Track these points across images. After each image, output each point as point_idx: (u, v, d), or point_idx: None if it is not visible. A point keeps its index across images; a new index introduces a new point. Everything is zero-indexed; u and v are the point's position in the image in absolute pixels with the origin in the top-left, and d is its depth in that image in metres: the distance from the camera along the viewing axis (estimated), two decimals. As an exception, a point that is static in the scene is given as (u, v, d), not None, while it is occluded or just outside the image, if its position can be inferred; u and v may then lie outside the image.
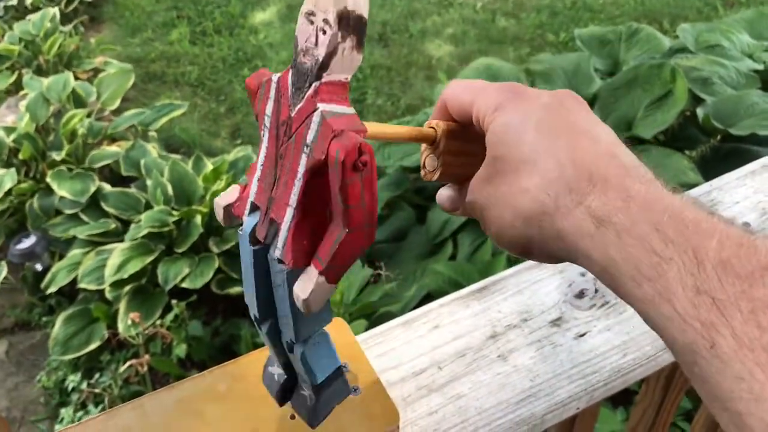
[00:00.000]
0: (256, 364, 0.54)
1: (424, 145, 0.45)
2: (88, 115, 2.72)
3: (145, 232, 2.11)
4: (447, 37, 3.78)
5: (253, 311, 0.40)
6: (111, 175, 2.60)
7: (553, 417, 0.57)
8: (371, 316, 1.78)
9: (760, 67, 2.40)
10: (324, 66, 0.35)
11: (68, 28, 3.61)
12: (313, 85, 0.35)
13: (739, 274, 0.28)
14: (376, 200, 0.36)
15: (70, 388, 2.02)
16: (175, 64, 3.68)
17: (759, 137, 2.04)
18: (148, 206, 2.30)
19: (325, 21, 0.34)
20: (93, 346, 2.02)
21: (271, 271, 0.38)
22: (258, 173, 0.39)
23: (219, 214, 0.41)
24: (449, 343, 0.62)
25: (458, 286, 1.40)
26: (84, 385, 2.00)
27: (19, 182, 2.50)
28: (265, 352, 0.52)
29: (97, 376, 2.03)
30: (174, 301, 2.04)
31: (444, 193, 0.47)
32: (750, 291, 0.28)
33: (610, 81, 2.30)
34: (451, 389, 0.58)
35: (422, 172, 0.46)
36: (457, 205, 0.46)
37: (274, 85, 0.38)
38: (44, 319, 2.30)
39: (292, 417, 0.50)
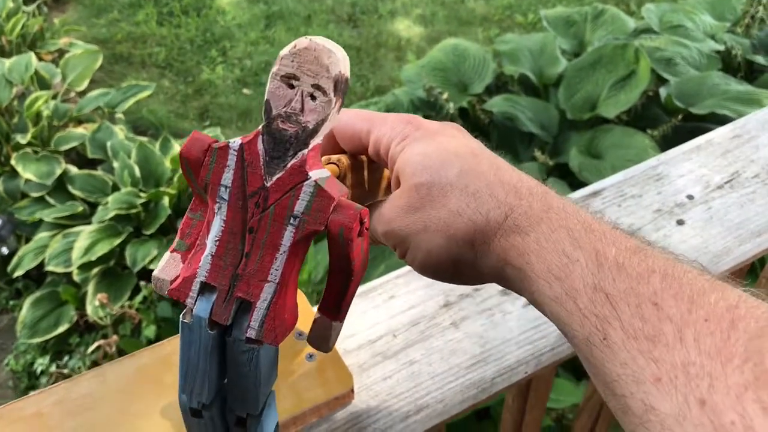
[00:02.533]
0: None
1: None
2: (54, 97, 2.69)
3: (112, 214, 2.10)
4: (416, 17, 3.78)
5: (198, 400, 0.36)
6: (77, 157, 2.57)
7: (502, 380, 0.60)
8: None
9: (722, 48, 2.45)
10: (313, 133, 0.33)
11: (31, 8, 3.54)
12: (300, 153, 0.33)
13: (630, 275, 0.32)
14: (368, 240, 0.36)
15: (38, 371, 2.01)
16: (141, 45, 3.63)
17: (719, 117, 2.09)
18: (115, 188, 2.29)
19: (316, 86, 0.33)
20: (61, 329, 2.02)
21: (234, 351, 0.35)
22: (212, 249, 0.35)
23: (159, 289, 0.37)
24: (404, 312, 0.64)
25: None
26: (53, 368, 2.00)
27: (-18, 165, 2.47)
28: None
29: (66, 358, 2.03)
30: (143, 283, 2.04)
31: None
32: (637, 288, 0.31)
33: (576, 61, 2.33)
34: (405, 356, 0.61)
35: None
36: None
37: (233, 153, 0.34)
38: (11, 302, 2.28)
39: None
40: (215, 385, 0.36)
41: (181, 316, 0.35)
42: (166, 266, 0.36)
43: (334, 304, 0.37)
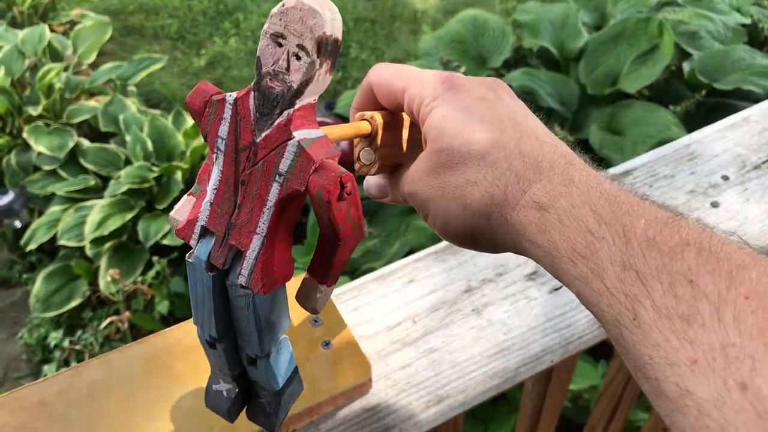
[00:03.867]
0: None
1: (357, 139, 0.43)
2: (65, 69, 2.66)
3: (125, 188, 2.09)
4: (432, -11, 3.70)
5: (209, 333, 0.38)
6: (90, 130, 2.55)
7: (526, 370, 0.57)
8: (354, 272, 1.77)
9: (748, 21, 2.38)
10: (299, 93, 0.33)
11: (43, -22, 3.50)
12: (286, 112, 0.34)
13: (661, 250, 0.29)
14: (360, 208, 0.35)
15: (52, 345, 2.01)
16: (154, 17, 3.59)
17: (743, 92, 2.03)
18: (127, 162, 2.27)
19: (300, 47, 0.33)
20: (74, 304, 2.01)
21: (231, 294, 0.37)
22: (211, 197, 0.36)
23: (174, 228, 0.38)
24: (424, 297, 0.61)
25: (441, 242, 1.39)
26: (66, 342, 2.00)
27: (-5, 138, 2.45)
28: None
29: (79, 333, 2.02)
30: (155, 258, 2.03)
31: (372, 182, 0.46)
32: (670, 264, 0.29)
33: (597, 35, 2.26)
34: (425, 343, 0.58)
35: (356, 166, 0.44)
36: (386, 193, 0.45)
37: (229, 107, 0.35)
38: (25, 276, 2.28)
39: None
40: (222, 322, 0.37)
41: (187, 255, 0.37)
42: (182, 207, 0.38)
43: (321, 268, 0.37)
